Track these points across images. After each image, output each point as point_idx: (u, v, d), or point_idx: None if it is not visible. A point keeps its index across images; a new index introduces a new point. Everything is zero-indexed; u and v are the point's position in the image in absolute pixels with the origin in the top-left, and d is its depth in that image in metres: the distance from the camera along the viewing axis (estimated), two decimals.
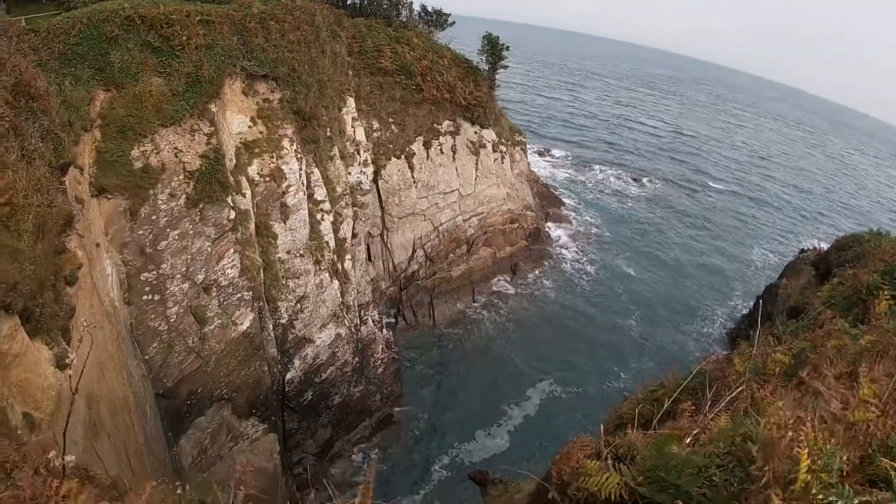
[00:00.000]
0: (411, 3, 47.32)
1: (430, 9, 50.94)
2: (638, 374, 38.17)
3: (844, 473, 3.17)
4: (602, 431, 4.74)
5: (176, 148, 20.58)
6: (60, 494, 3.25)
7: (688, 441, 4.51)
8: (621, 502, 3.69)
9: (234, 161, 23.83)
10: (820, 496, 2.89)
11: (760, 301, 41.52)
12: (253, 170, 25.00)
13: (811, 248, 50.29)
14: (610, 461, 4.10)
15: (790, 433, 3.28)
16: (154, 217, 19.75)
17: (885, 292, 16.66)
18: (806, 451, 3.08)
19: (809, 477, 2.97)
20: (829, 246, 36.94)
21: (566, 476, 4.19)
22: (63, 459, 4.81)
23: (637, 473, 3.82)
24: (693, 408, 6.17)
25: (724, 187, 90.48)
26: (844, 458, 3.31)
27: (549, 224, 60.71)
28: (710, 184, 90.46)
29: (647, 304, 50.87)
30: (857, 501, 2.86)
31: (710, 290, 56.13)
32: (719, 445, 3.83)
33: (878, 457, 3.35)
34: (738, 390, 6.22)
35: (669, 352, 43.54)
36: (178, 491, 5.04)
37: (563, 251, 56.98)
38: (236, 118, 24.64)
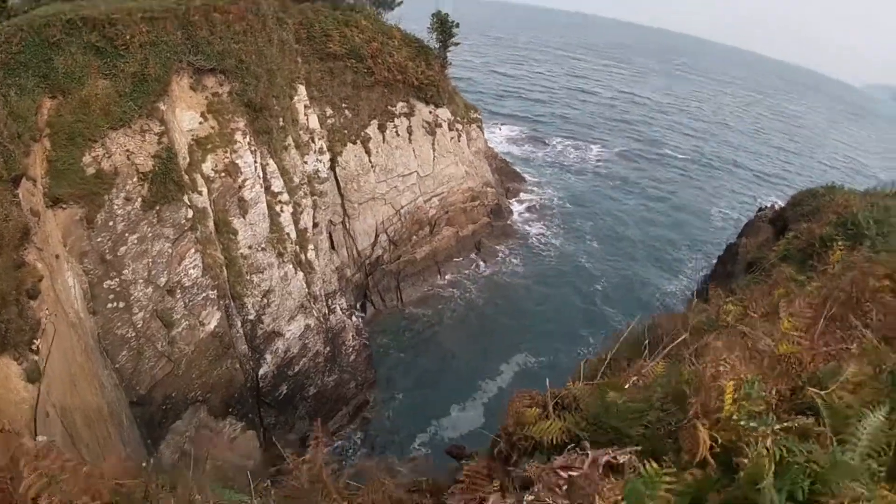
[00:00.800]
0: None
1: None
2: (607, 338, 38.84)
3: (773, 403, 3.35)
4: (548, 385, 4.95)
5: (127, 150, 20.15)
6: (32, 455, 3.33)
7: (627, 387, 4.76)
8: (566, 446, 3.85)
9: (188, 159, 23.43)
10: (742, 423, 3.07)
11: (718, 259, 42.47)
12: (207, 166, 24.58)
13: (768, 206, 51.23)
14: (552, 409, 4.30)
15: (717, 368, 3.48)
16: (111, 223, 19.36)
17: (839, 243, 17.32)
18: (731, 383, 3.29)
19: (734, 407, 3.15)
20: (785, 203, 37.63)
21: (511, 427, 4.38)
22: (35, 440, 4.89)
23: (581, 420, 4.03)
24: (644, 361, 6.43)
25: (682, 154, 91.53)
26: (773, 390, 3.51)
27: (511, 200, 61.01)
28: (668, 151, 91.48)
29: (614, 272, 51.70)
30: (777, 427, 3.03)
31: (674, 253, 57.36)
32: (657, 389, 4.03)
33: (807, 387, 3.54)
34: (680, 339, 6.49)
35: (637, 314, 44.16)
36: (144, 464, 5.11)
37: (527, 226, 57.33)
38: (186, 115, 24.13)
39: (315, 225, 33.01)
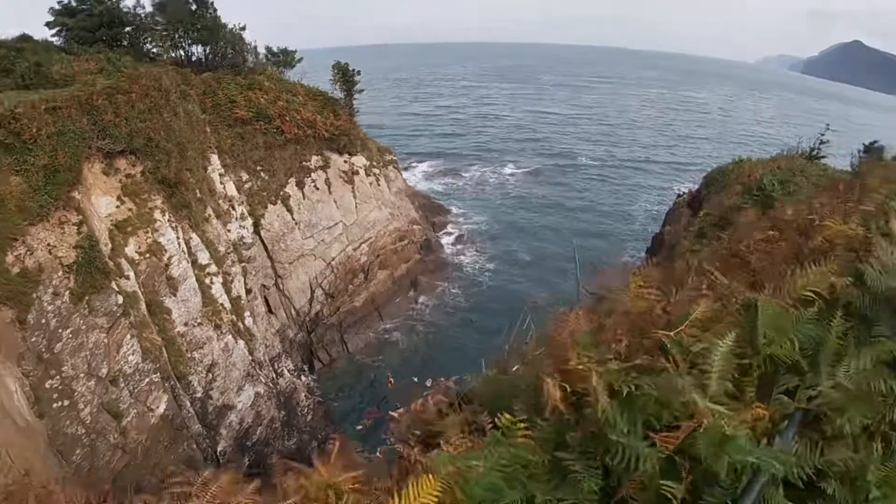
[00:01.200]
0: (255, 47, 46.76)
1: (275, 49, 50.44)
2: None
3: (619, 350, 3.80)
4: (451, 383, 5.34)
5: (48, 244, 19.66)
6: None
7: (515, 369, 5.22)
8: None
9: (110, 244, 22.97)
10: (580, 367, 3.48)
11: (647, 251, 43.64)
12: (130, 249, 24.14)
13: (686, 191, 52.61)
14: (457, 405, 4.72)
15: (565, 331, 3.97)
16: (43, 321, 18.74)
17: (748, 209, 18.46)
18: (574, 340, 3.80)
19: (575, 357, 3.60)
20: (699, 185, 39.00)
21: (416, 428, 4.74)
22: None
23: (478, 407, 4.37)
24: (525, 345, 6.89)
25: (595, 160, 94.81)
26: (626, 340, 3.93)
27: (439, 233, 61.73)
28: (582, 160, 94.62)
29: (550, 283, 52.29)
30: (612, 367, 3.46)
31: (604, 256, 58.40)
32: (532, 364, 4.45)
33: (654, 330, 3.99)
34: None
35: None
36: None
37: (460, 256, 58.14)
38: (102, 200, 23.70)
39: (248, 291, 32.65)
